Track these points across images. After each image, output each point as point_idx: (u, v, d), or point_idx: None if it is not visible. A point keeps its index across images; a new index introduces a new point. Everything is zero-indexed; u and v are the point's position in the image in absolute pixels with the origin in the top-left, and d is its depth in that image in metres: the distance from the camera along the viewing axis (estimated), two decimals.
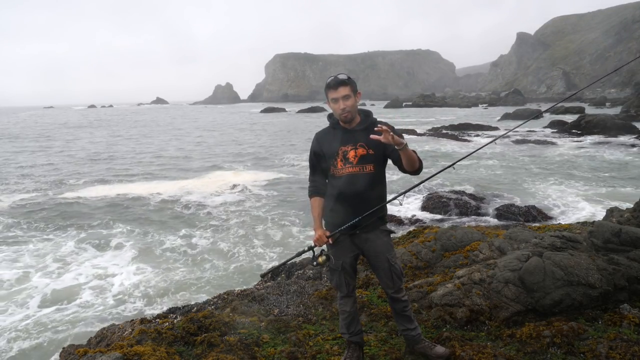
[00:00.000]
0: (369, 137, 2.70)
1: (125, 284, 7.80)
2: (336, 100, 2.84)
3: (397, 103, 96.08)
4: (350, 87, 2.83)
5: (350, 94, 2.84)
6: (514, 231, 5.04)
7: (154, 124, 58.51)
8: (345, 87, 2.83)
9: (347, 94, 2.83)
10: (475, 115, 55.13)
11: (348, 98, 2.83)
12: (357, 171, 2.86)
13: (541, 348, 3.11)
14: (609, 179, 15.88)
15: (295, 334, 3.64)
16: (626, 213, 5.34)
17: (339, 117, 2.90)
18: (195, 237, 10.38)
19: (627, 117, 33.84)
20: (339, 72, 2.96)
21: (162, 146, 30.98)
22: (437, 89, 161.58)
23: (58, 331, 6.25)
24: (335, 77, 2.87)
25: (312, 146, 3.04)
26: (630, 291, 3.62)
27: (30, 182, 17.45)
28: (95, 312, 6.82)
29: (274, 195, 14.55)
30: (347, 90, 2.83)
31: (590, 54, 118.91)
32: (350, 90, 2.84)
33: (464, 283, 3.93)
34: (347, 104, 2.83)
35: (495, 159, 20.69)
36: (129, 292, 7.49)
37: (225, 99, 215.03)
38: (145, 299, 7.23)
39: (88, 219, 11.84)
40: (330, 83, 2.85)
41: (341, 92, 2.82)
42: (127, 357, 3.11)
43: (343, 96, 2.82)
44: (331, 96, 2.86)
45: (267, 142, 31.90)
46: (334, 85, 2.83)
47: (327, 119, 3.08)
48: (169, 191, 15.09)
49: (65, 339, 5.98)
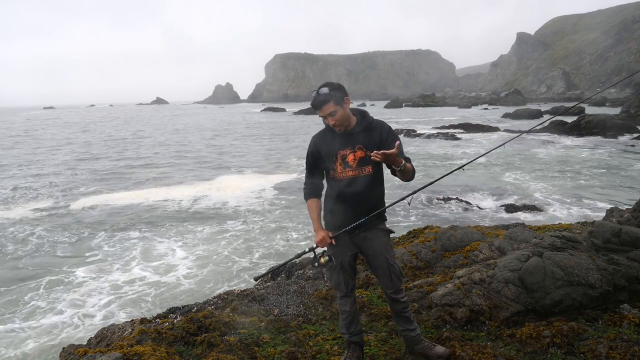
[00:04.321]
0: (367, 139, 2.74)
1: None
2: (324, 118, 2.79)
3: (397, 103, 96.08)
4: (333, 102, 2.72)
5: (336, 108, 2.73)
6: (514, 231, 5.04)
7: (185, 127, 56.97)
8: (328, 104, 2.72)
9: (332, 110, 2.73)
10: (475, 116, 55.12)
11: (335, 113, 2.74)
12: (356, 174, 2.84)
13: (541, 348, 3.11)
14: (608, 179, 15.88)
15: (295, 334, 3.64)
16: (626, 213, 5.34)
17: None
18: (194, 238, 10.39)
19: (627, 117, 33.80)
20: (322, 84, 2.81)
21: (176, 148, 30.96)
22: (437, 89, 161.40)
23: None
24: (317, 93, 2.75)
25: (309, 149, 2.99)
26: (630, 291, 3.62)
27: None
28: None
29: (279, 198, 14.51)
30: (330, 107, 2.72)
31: (590, 54, 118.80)
32: (335, 104, 2.73)
33: (464, 283, 3.93)
34: (335, 119, 2.76)
35: (494, 158, 20.68)
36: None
37: (225, 99, 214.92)
38: (148, 301, 7.24)
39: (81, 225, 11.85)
40: (313, 103, 2.77)
41: (325, 110, 2.74)
42: (127, 357, 3.11)
43: (329, 114, 2.75)
44: (318, 114, 2.80)
45: (269, 144, 31.87)
46: (317, 105, 2.76)
47: (323, 121, 3.00)
48: (178, 196, 15.03)
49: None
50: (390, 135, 2.87)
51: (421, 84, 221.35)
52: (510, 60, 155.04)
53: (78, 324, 6.45)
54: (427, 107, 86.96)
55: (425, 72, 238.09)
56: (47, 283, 7.93)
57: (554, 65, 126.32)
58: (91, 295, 7.37)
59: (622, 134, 27.79)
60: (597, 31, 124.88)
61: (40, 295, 7.44)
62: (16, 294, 7.54)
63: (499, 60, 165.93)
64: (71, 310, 6.88)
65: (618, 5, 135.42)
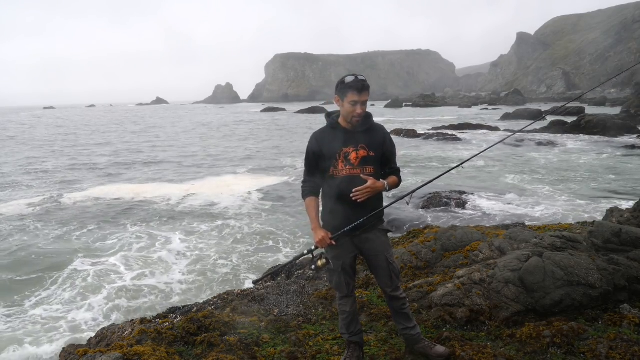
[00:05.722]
0: (370, 139, 2.82)
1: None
2: (355, 103, 2.75)
3: (397, 103, 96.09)
4: (368, 92, 2.78)
5: (367, 99, 2.79)
6: (514, 231, 5.04)
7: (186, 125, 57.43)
8: (367, 92, 2.76)
9: (367, 99, 2.78)
10: (475, 116, 55.11)
11: (366, 103, 2.80)
12: (357, 173, 2.84)
13: (541, 348, 3.11)
14: (608, 179, 15.87)
15: (295, 334, 3.64)
16: (626, 213, 5.34)
17: (349, 120, 2.83)
18: (193, 239, 10.38)
19: (627, 117, 33.78)
20: (351, 72, 2.86)
21: (180, 147, 30.97)
22: (437, 89, 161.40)
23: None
24: (357, 78, 2.74)
25: (310, 146, 2.95)
26: (630, 291, 3.62)
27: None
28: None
29: (274, 198, 14.50)
30: (367, 95, 2.76)
31: (591, 54, 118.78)
32: (368, 95, 2.78)
33: (464, 283, 3.93)
34: (364, 109, 2.79)
35: (495, 159, 20.68)
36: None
37: (225, 99, 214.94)
38: (147, 300, 7.24)
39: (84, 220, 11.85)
40: (355, 85, 2.73)
41: (364, 96, 2.75)
42: (127, 357, 3.11)
43: (364, 101, 2.76)
44: (352, 98, 2.74)
45: (268, 144, 31.87)
46: (359, 88, 2.72)
47: (325, 118, 3.02)
48: (171, 194, 15.06)
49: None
50: (388, 139, 2.97)
51: (421, 84, 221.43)
52: (510, 60, 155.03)
53: (78, 324, 6.44)
54: (427, 107, 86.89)
55: (425, 72, 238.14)
56: (45, 282, 7.92)
57: (554, 65, 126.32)
58: (90, 295, 7.37)
59: (622, 134, 27.78)
60: (597, 31, 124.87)
61: (37, 294, 7.43)
62: (13, 293, 7.53)
63: (499, 60, 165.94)
64: (70, 310, 6.88)
65: (618, 5, 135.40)
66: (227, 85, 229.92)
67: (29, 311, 6.88)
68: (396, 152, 3.02)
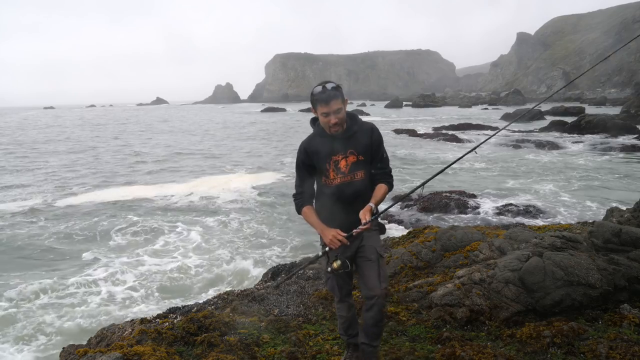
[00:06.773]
0: (356, 142, 2.69)
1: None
2: (327, 115, 2.62)
3: (397, 103, 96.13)
4: (341, 98, 2.62)
5: (342, 105, 2.62)
6: (514, 231, 5.04)
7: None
8: (337, 99, 2.60)
9: (339, 107, 2.61)
10: (475, 116, 55.12)
11: (340, 111, 2.62)
12: (349, 180, 2.75)
13: (541, 348, 3.11)
14: (608, 179, 15.88)
15: (295, 334, 3.64)
16: (626, 213, 5.34)
17: (328, 130, 2.71)
18: (192, 239, 10.38)
19: (627, 117, 33.78)
20: (325, 81, 2.68)
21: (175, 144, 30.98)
22: (437, 89, 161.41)
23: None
24: (324, 87, 2.61)
25: (299, 157, 2.83)
26: (630, 291, 3.62)
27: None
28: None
29: (273, 198, 14.50)
30: (338, 103, 2.60)
31: (590, 54, 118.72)
32: (341, 101, 2.62)
33: (464, 283, 3.93)
34: (339, 117, 2.62)
35: (495, 159, 20.69)
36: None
37: (226, 99, 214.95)
38: (146, 299, 7.25)
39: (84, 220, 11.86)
40: (321, 97, 2.60)
41: (333, 106, 2.59)
42: (127, 357, 3.11)
43: (335, 110, 2.60)
44: (322, 110, 2.62)
45: (267, 143, 31.87)
46: (325, 99, 2.59)
47: (311, 125, 2.87)
48: (172, 193, 15.08)
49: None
50: (375, 138, 2.80)
51: (421, 84, 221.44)
52: (511, 60, 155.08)
53: (78, 324, 6.44)
54: (427, 107, 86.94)
55: (426, 72, 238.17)
56: (43, 280, 7.92)
57: (554, 65, 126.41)
58: (88, 295, 7.38)
59: (622, 134, 27.78)
60: (597, 31, 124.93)
61: (37, 294, 7.43)
62: (11, 292, 7.53)
63: (499, 60, 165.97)
64: (71, 309, 6.88)
65: (618, 5, 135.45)
66: (227, 85, 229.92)
67: (31, 308, 6.89)
68: (385, 149, 2.85)
